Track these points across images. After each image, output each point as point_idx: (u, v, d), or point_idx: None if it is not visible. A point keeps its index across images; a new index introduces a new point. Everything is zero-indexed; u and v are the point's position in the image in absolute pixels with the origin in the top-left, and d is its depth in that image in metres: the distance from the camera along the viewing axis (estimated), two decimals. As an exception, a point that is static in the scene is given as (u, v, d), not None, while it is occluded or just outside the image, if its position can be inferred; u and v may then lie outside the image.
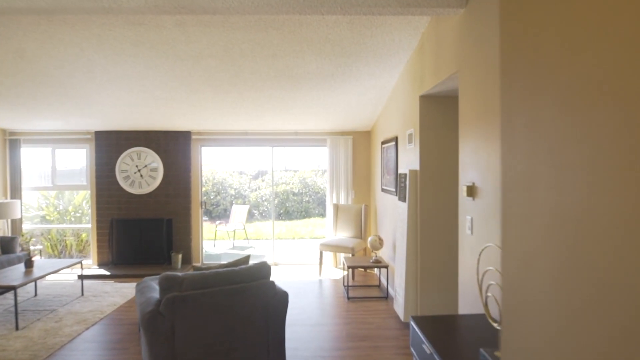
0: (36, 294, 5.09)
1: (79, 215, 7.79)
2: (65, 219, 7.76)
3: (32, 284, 5.21)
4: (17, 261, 5.43)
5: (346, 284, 5.27)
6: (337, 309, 4.57)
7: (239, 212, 9.18)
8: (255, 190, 11.37)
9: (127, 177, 6.31)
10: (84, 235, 7.32)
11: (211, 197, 11.11)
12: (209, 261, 7.14)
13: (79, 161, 6.93)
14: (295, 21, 3.22)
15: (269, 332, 2.91)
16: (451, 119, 3.60)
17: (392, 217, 4.89)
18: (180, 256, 6.18)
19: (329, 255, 6.48)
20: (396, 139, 4.66)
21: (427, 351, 1.92)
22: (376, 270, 5.94)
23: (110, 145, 6.32)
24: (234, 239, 9.28)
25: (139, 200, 6.35)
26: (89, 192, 6.54)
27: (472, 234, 2.49)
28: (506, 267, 0.74)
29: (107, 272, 5.97)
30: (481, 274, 1.74)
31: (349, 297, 4.92)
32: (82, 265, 5.24)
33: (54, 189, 7.07)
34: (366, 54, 3.85)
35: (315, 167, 11.38)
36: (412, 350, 2.16)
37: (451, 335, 2.03)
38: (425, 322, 2.14)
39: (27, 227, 6.87)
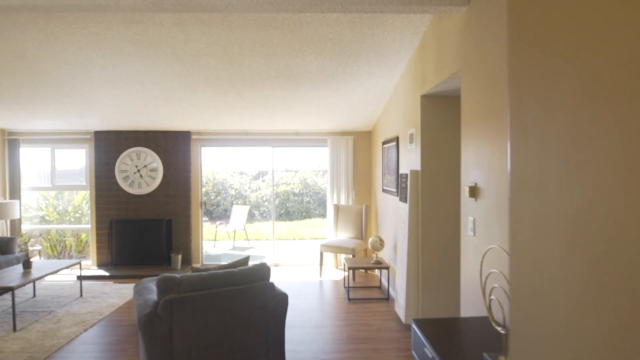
0: (35, 295, 5.05)
1: (78, 215, 7.76)
2: (64, 219, 7.73)
3: (31, 284, 5.17)
4: (16, 262, 5.40)
5: (347, 285, 5.23)
6: (338, 310, 4.53)
7: (239, 213, 9.15)
8: (255, 190, 11.33)
9: (126, 177, 6.27)
10: (83, 235, 7.29)
11: (211, 198, 11.08)
12: (209, 262, 7.10)
13: (78, 161, 6.90)
14: (295, 20, 3.18)
15: (269, 334, 2.87)
16: (453, 118, 3.56)
17: (393, 218, 4.85)
18: (180, 257, 6.15)
19: (329, 256, 6.44)
20: (397, 139, 4.62)
21: (429, 355, 1.87)
22: (377, 271, 5.90)
23: (109, 145, 6.29)
24: (234, 240, 9.24)
25: (139, 200, 6.31)
26: (89, 192, 6.51)
27: (474, 235, 2.45)
28: (515, 272, 0.70)
29: (107, 273, 5.94)
30: (484, 277, 1.69)
31: (349, 299, 4.88)
32: (80, 266, 5.21)
33: (53, 189, 7.03)
34: (367, 53, 3.81)
35: (316, 167, 11.34)
36: (414, 353, 2.12)
37: (453, 338, 1.99)
38: (426, 325, 2.10)
39: (26, 227, 6.84)
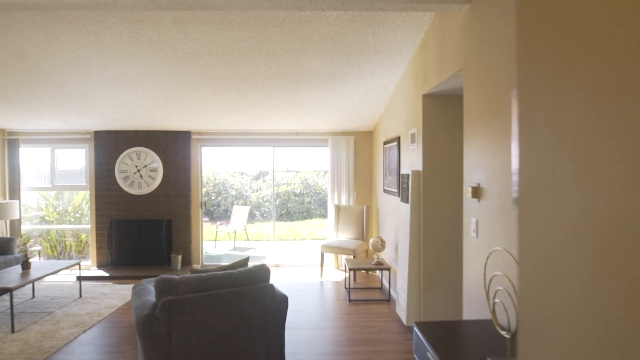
0: (34, 296, 5.03)
1: (78, 216, 7.73)
2: (64, 219, 7.70)
3: (30, 285, 5.14)
4: (15, 262, 5.37)
5: (347, 286, 5.19)
6: (338, 311, 4.49)
7: (239, 213, 9.12)
8: (256, 190, 11.30)
9: (126, 178, 6.25)
10: (83, 236, 7.26)
11: (212, 198, 11.05)
12: (210, 262, 7.07)
13: (78, 161, 6.88)
14: (295, 18, 3.15)
15: (268, 336, 2.84)
16: (455, 118, 3.52)
17: (395, 219, 4.81)
18: (180, 257, 6.11)
19: (330, 257, 6.40)
20: (398, 139, 4.58)
21: (432, 359, 1.84)
22: (378, 272, 5.86)
23: (109, 145, 6.27)
24: (235, 240, 9.21)
25: (139, 200, 6.28)
26: (88, 192, 6.48)
27: (477, 236, 2.41)
28: (524, 276, 0.67)
29: (106, 274, 5.91)
30: (488, 280, 1.66)
31: (350, 300, 4.84)
32: (80, 266, 5.18)
33: (52, 189, 7.01)
34: (368, 52, 3.78)
35: (316, 167, 11.31)
36: (416, 357, 2.08)
37: (456, 342, 1.95)
38: (429, 328, 2.06)
39: (26, 227, 6.82)
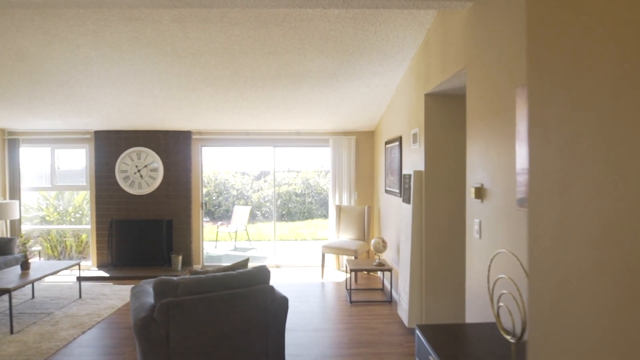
0: (33, 296, 5.00)
1: (79, 216, 7.71)
2: (65, 219, 7.68)
3: (30, 285, 5.12)
4: (15, 263, 5.35)
5: (349, 287, 5.15)
6: (340, 313, 4.45)
7: (240, 213, 9.09)
8: (257, 191, 11.27)
9: (126, 178, 6.22)
10: (84, 236, 7.24)
11: (213, 198, 11.02)
12: (210, 262, 7.04)
13: (78, 161, 6.85)
14: (296, 16, 3.11)
15: (268, 338, 2.80)
16: (458, 117, 3.48)
17: (396, 219, 4.77)
18: (180, 258, 6.08)
19: (331, 257, 6.36)
20: (400, 139, 4.54)
21: (434, 363, 1.80)
22: (379, 273, 5.82)
23: (109, 145, 6.24)
24: (236, 240, 9.18)
25: (139, 200, 6.25)
26: (89, 192, 6.46)
27: (480, 237, 2.37)
28: (535, 287, 0.63)
29: (106, 274, 5.88)
30: (492, 282, 1.62)
31: (351, 301, 4.80)
32: (79, 267, 5.16)
33: (53, 190, 6.98)
34: (369, 51, 3.74)
35: (318, 167, 11.27)
36: (418, 360, 2.04)
37: (459, 346, 1.91)
38: (431, 332, 2.02)
39: (26, 228, 6.80)
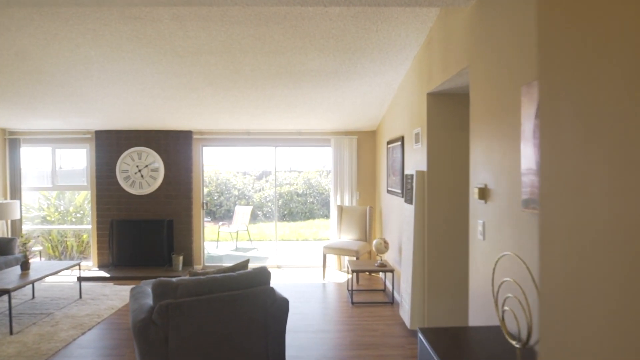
0: (34, 297, 4.98)
1: (79, 216, 7.70)
2: (66, 219, 7.67)
3: (30, 285, 5.10)
4: (15, 263, 5.34)
5: (350, 288, 5.11)
6: (341, 314, 4.42)
7: (242, 213, 9.06)
8: (259, 190, 11.24)
9: (127, 178, 6.20)
10: (84, 236, 7.22)
11: (214, 198, 11.00)
12: (211, 263, 7.02)
13: (79, 161, 6.84)
14: (297, 14, 3.07)
15: (268, 341, 2.77)
16: (461, 117, 3.44)
17: (398, 220, 4.72)
18: (181, 258, 6.06)
19: (332, 258, 6.32)
20: (402, 139, 4.50)
21: (437, 368, 1.76)
22: (381, 274, 5.78)
23: (110, 145, 6.22)
24: (237, 241, 9.15)
25: (140, 200, 6.23)
26: (90, 192, 6.44)
27: (484, 239, 2.33)
28: (546, 293, 0.59)
29: (107, 274, 5.86)
30: (497, 286, 1.58)
31: (353, 302, 4.76)
32: (80, 267, 5.13)
33: (53, 189, 6.97)
34: (371, 50, 3.70)
35: (319, 167, 11.23)
36: (420, 364, 2.00)
37: (463, 350, 1.87)
38: (434, 335, 1.98)
39: (27, 227, 6.79)
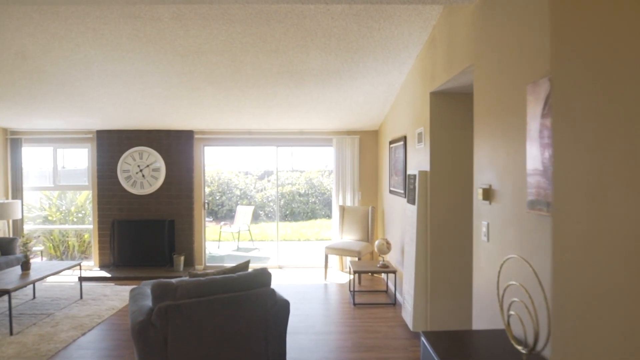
0: (34, 297, 4.96)
1: (81, 215, 7.69)
2: (67, 219, 7.66)
3: (31, 286, 5.08)
4: (16, 263, 5.32)
5: (352, 289, 5.07)
6: (343, 315, 4.38)
7: (243, 213, 9.03)
8: (261, 190, 11.21)
9: (128, 177, 6.18)
10: (86, 236, 7.21)
11: (216, 198, 10.97)
12: (213, 263, 6.99)
13: (81, 161, 6.82)
14: (298, 13, 3.04)
15: (269, 344, 2.73)
16: (464, 116, 3.40)
17: (401, 220, 4.68)
18: (182, 258, 6.03)
19: (334, 258, 6.28)
20: (405, 139, 4.45)
21: (440, 373, 1.72)
22: (383, 275, 5.74)
23: (111, 144, 6.20)
24: (239, 241, 9.13)
25: (141, 200, 6.21)
26: (91, 192, 6.42)
27: (488, 240, 2.29)
28: (559, 303, 0.55)
29: (108, 275, 5.84)
30: (502, 289, 1.54)
31: (355, 303, 4.72)
32: (80, 267, 5.11)
33: (55, 189, 6.96)
34: (374, 49, 3.66)
35: (321, 167, 11.20)
36: (423, 369, 1.96)
37: (466, 354, 1.83)
38: (437, 339, 1.94)
39: (29, 227, 6.78)
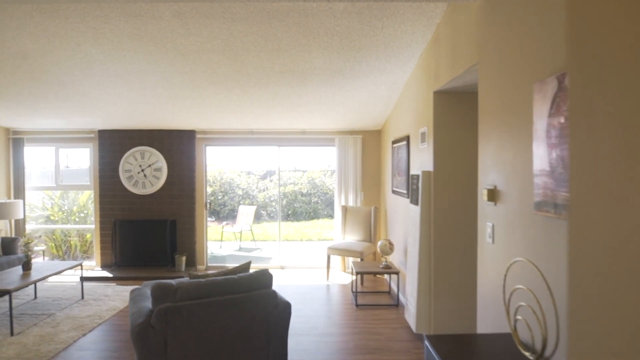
0: (36, 297, 4.95)
1: (83, 215, 7.68)
2: (69, 219, 7.65)
3: (32, 286, 5.07)
4: (18, 262, 5.32)
5: (355, 289, 5.04)
6: (345, 317, 4.34)
7: (246, 213, 9.00)
8: (263, 190, 11.18)
9: (130, 177, 6.16)
10: (88, 235, 7.20)
11: (219, 198, 10.96)
12: (215, 263, 6.96)
13: (83, 160, 6.81)
14: (300, 11, 3.00)
15: (270, 346, 2.70)
16: (468, 116, 3.35)
17: (404, 221, 4.64)
18: (184, 258, 6.01)
19: (336, 259, 6.25)
20: (408, 138, 4.41)
21: (445, 378, 1.68)
22: (386, 276, 5.70)
23: (113, 144, 6.18)
24: (241, 241, 9.10)
25: (143, 200, 6.19)
26: (93, 192, 6.41)
27: (493, 242, 2.24)
28: (577, 316, 0.51)
29: (110, 275, 5.83)
30: (508, 293, 1.49)
31: (357, 304, 4.68)
32: (82, 267, 5.10)
33: (57, 189, 6.96)
34: (376, 48, 3.61)
35: (324, 167, 11.16)
36: (427, 373, 1.92)
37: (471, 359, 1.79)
38: (441, 343, 1.90)
39: (31, 227, 6.77)
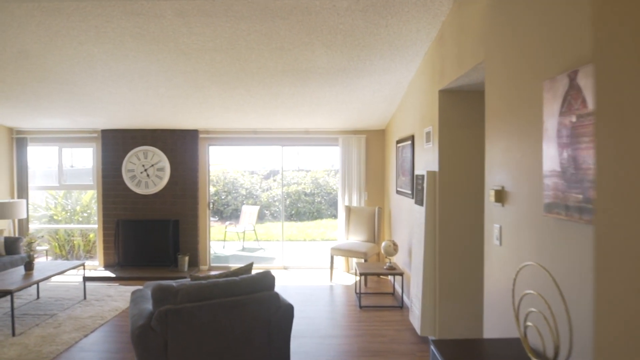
0: (38, 297, 4.94)
1: (86, 215, 7.68)
2: (73, 218, 7.65)
3: (35, 285, 5.06)
4: (21, 262, 5.32)
5: (358, 290, 4.99)
6: (349, 319, 4.29)
7: (249, 213, 8.97)
8: (266, 190, 11.15)
9: (133, 177, 6.14)
10: (91, 235, 7.19)
11: (222, 197, 10.94)
12: (218, 263, 6.94)
13: (86, 160, 6.81)
14: (303, 9, 2.96)
15: (272, 348, 2.66)
16: (474, 115, 3.30)
17: (408, 222, 4.59)
18: (187, 258, 5.99)
19: (340, 259, 6.20)
20: (412, 138, 4.36)
21: (451, 385, 1.63)
22: (390, 277, 5.65)
23: (116, 144, 6.17)
24: (244, 240, 9.08)
25: (146, 200, 6.18)
26: (96, 191, 6.40)
27: (500, 244, 2.19)
28: (603, 330, 0.46)
29: (113, 274, 5.81)
30: (517, 298, 1.45)
31: (361, 306, 4.64)
32: (84, 267, 5.08)
33: (60, 189, 6.95)
34: (381, 46, 3.57)
35: (328, 166, 11.11)
36: (432, 379, 1.88)
37: (479, 365, 1.74)
38: (447, 348, 1.85)
39: (34, 227, 6.78)
